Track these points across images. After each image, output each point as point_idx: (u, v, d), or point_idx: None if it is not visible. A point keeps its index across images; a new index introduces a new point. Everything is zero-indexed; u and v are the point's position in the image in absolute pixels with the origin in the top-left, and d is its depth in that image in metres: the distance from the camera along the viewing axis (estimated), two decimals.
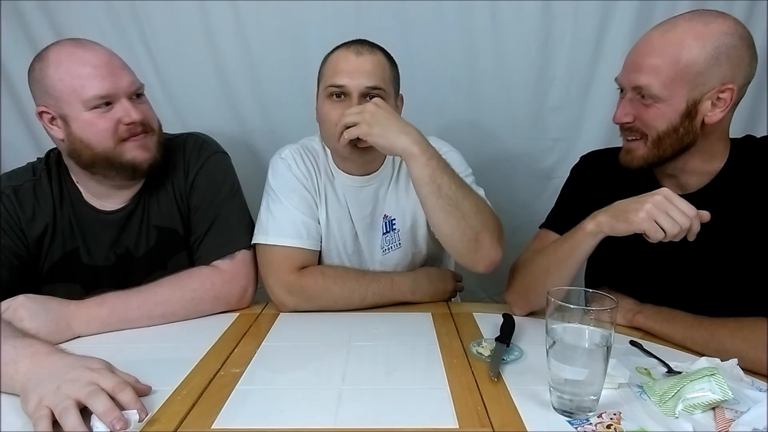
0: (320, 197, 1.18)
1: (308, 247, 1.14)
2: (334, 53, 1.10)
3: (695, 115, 0.93)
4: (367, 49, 1.07)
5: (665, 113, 0.93)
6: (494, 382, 0.81)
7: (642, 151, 0.98)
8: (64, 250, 1.13)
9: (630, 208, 0.86)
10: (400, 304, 1.15)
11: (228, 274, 1.11)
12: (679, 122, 0.93)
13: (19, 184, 1.11)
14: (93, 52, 1.03)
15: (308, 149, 1.21)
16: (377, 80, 1.06)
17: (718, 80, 0.90)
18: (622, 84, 0.98)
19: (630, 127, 0.98)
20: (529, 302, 1.07)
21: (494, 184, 1.34)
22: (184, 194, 1.17)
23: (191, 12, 1.57)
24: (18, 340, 0.78)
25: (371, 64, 1.06)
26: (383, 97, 1.06)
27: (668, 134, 0.94)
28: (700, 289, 0.97)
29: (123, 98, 1.04)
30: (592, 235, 0.91)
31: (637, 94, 0.95)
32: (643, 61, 0.93)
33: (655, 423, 0.70)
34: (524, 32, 1.59)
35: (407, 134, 0.98)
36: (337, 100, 1.07)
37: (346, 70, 1.05)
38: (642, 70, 0.93)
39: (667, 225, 0.83)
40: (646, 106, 0.94)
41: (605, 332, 0.72)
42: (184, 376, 0.83)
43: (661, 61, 0.91)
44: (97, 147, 1.04)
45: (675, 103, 0.92)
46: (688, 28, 0.90)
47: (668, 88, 0.91)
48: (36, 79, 1.03)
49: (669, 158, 0.97)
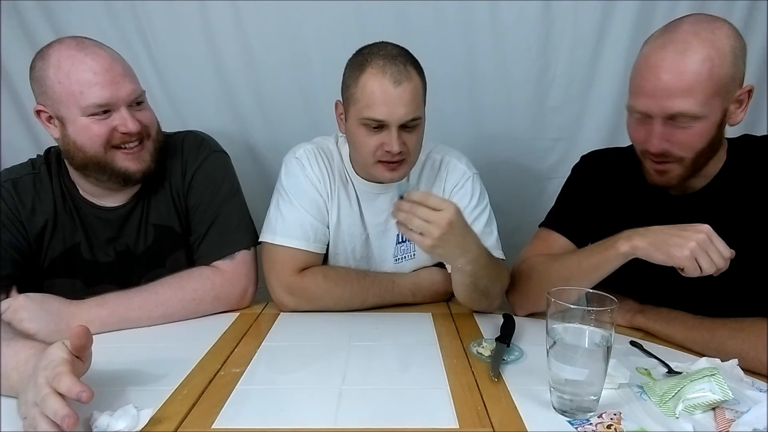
0: (332, 200, 1.17)
1: (314, 250, 1.14)
2: (368, 75, 1.01)
3: (725, 121, 0.93)
4: (404, 76, 1.00)
5: (706, 131, 0.91)
6: (494, 382, 0.81)
7: (679, 171, 0.96)
8: (65, 245, 1.12)
9: (673, 242, 0.84)
10: (400, 304, 1.15)
11: (228, 275, 1.11)
12: (715, 134, 0.92)
13: (17, 177, 1.10)
14: (95, 57, 1.01)
15: (323, 150, 1.19)
16: (415, 110, 1.02)
17: (739, 82, 0.90)
18: (651, 112, 0.92)
19: (666, 152, 0.94)
20: (537, 307, 1.07)
21: (494, 184, 1.33)
22: (181, 193, 1.17)
23: (191, 12, 1.57)
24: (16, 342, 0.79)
25: (410, 94, 1.00)
26: (419, 123, 1.05)
27: (705, 149, 0.93)
28: (700, 289, 0.97)
29: (122, 107, 1.03)
30: (624, 256, 0.90)
31: (670, 119, 0.91)
32: (673, 86, 0.89)
33: (656, 423, 0.70)
34: (524, 32, 1.59)
35: (465, 255, 0.97)
36: (374, 129, 1.03)
37: (385, 103, 0.99)
38: (675, 94, 0.89)
39: (706, 265, 0.83)
40: (682, 128, 0.91)
41: (605, 332, 0.72)
42: (184, 376, 0.83)
43: (695, 80, 0.88)
44: (89, 151, 1.04)
45: (713, 117, 0.91)
46: (703, 40, 0.88)
47: (707, 106, 0.89)
48: (36, 78, 1.03)
49: (701, 168, 0.96)
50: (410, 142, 1.05)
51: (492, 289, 1.07)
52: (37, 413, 0.64)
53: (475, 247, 0.97)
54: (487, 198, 1.20)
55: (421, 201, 0.89)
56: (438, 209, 0.89)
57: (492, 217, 1.19)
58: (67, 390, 0.64)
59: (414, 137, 1.05)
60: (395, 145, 1.01)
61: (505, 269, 1.11)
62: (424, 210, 0.89)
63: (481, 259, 1.00)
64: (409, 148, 1.05)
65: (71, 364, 0.67)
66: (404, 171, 1.09)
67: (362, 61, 1.03)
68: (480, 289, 1.05)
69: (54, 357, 0.68)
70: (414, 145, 1.06)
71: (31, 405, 0.65)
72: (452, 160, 1.19)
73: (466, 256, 0.97)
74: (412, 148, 1.06)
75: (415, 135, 1.05)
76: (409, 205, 0.90)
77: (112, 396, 0.76)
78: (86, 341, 0.70)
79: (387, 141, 1.02)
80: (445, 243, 0.90)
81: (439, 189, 1.18)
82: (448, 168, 1.19)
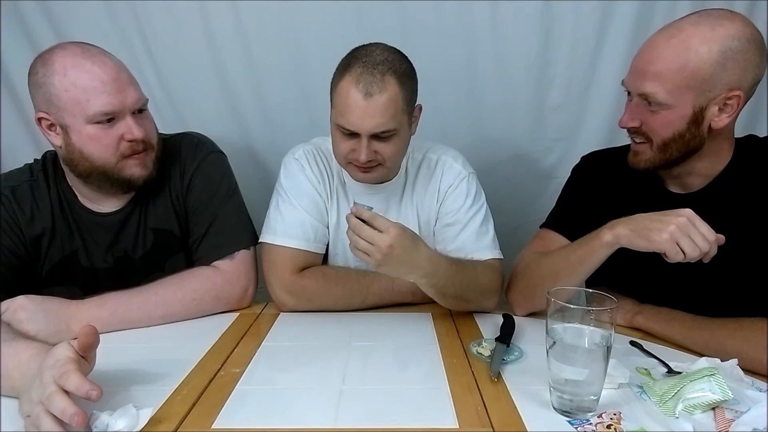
0: (331, 200, 1.18)
1: (314, 250, 1.14)
2: (345, 82, 1.01)
3: (702, 121, 0.92)
4: (378, 87, 0.98)
5: (671, 120, 0.92)
6: (494, 382, 0.81)
7: (649, 154, 0.97)
8: (63, 252, 1.12)
9: (653, 227, 0.85)
10: (400, 304, 1.15)
11: (228, 274, 1.11)
12: (685, 128, 0.92)
13: (16, 184, 1.10)
14: (101, 65, 1.01)
15: (322, 151, 1.20)
16: (387, 122, 1.01)
17: (725, 86, 0.89)
18: (629, 89, 0.97)
19: (636, 131, 0.97)
20: (533, 304, 1.07)
21: (494, 185, 1.34)
22: (180, 195, 1.17)
23: (191, 12, 1.57)
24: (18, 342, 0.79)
25: (382, 106, 0.99)
26: (394, 134, 1.03)
27: (674, 140, 0.93)
28: (700, 289, 0.97)
29: (127, 115, 1.03)
30: (608, 246, 0.91)
31: (643, 99, 0.93)
32: (648, 68, 0.91)
33: (655, 423, 0.70)
34: (524, 32, 1.59)
35: (415, 272, 0.98)
36: (347, 134, 1.04)
37: (355, 114, 1.00)
38: (647, 77, 0.91)
39: (688, 248, 0.83)
40: (652, 112, 0.93)
41: (605, 332, 0.72)
42: (184, 376, 0.83)
43: (666, 67, 0.89)
44: (97, 161, 1.03)
45: (681, 110, 0.91)
46: (694, 33, 0.88)
47: (674, 96, 0.90)
48: (38, 84, 1.01)
49: (675, 161, 0.97)
50: (385, 151, 1.05)
51: (467, 293, 1.07)
52: (42, 411, 0.64)
53: (426, 263, 0.97)
54: (484, 198, 1.20)
55: (368, 220, 0.91)
56: (381, 231, 0.90)
57: (488, 216, 1.19)
58: (76, 388, 0.64)
59: (389, 146, 1.05)
60: (363, 154, 1.03)
61: (491, 270, 1.11)
62: (367, 230, 0.90)
63: (439, 272, 1.00)
64: (384, 156, 1.05)
65: (78, 363, 0.68)
66: (379, 174, 1.10)
67: (346, 65, 1.03)
68: (450, 295, 1.06)
69: (60, 356, 0.68)
70: (390, 153, 1.06)
71: (35, 403, 0.65)
72: (448, 160, 1.20)
73: (416, 273, 0.98)
74: (387, 156, 1.06)
75: (390, 144, 1.05)
76: (355, 222, 0.91)
77: (112, 396, 0.76)
78: (94, 340, 0.71)
79: (357, 149, 1.03)
80: (389, 263, 0.92)
81: (434, 189, 1.18)
82: (444, 168, 1.19)
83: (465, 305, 1.10)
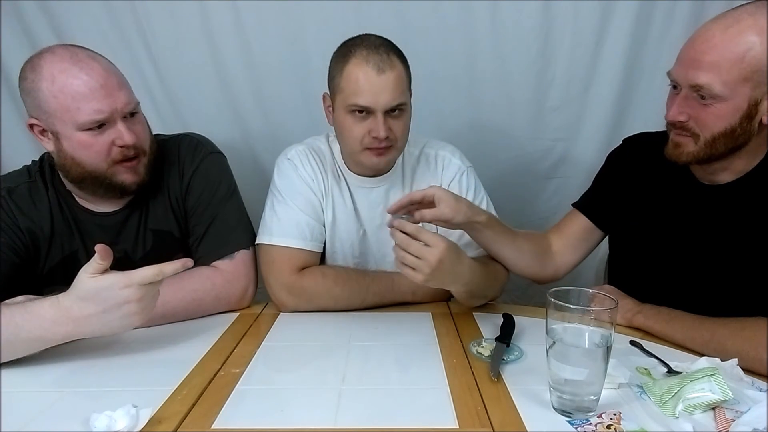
0: (326, 199, 1.18)
1: (311, 248, 1.14)
2: (352, 65, 1.04)
3: (755, 115, 0.88)
4: (387, 64, 1.03)
5: (725, 113, 0.88)
6: (494, 382, 0.81)
7: (692, 148, 0.93)
8: (63, 252, 1.12)
9: None
10: (400, 304, 1.15)
11: (228, 275, 1.11)
12: (737, 123, 0.88)
13: (14, 186, 1.10)
14: (89, 71, 0.99)
15: (315, 150, 1.21)
16: (400, 96, 1.05)
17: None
18: (678, 80, 0.91)
19: (682, 126, 0.93)
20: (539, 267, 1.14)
21: (494, 184, 1.34)
22: (179, 197, 1.17)
23: (191, 12, 1.57)
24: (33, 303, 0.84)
25: (393, 81, 1.03)
26: (404, 110, 1.07)
27: (724, 135, 0.89)
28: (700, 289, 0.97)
29: (118, 120, 1.02)
30: None
31: (695, 92, 0.89)
32: (702, 58, 0.86)
33: (655, 423, 0.70)
34: (524, 32, 1.59)
35: (458, 282, 1.00)
36: (360, 116, 1.05)
37: (369, 90, 1.02)
38: (702, 67, 0.86)
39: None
40: (704, 105, 0.89)
41: (605, 332, 0.72)
42: (184, 376, 0.83)
43: (723, 57, 0.85)
44: (88, 167, 1.03)
45: (736, 102, 0.87)
46: (752, 23, 0.85)
47: (730, 87, 0.86)
48: (28, 90, 1.00)
49: (718, 157, 0.93)
50: (396, 129, 1.07)
51: (489, 291, 1.12)
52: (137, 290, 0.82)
53: (468, 272, 0.99)
54: (483, 189, 1.22)
55: (413, 234, 0.90)
56: (429, 245, 0.90)
57: (490, 207, 1.21)
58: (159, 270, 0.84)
59: (400, 123, 1.08)
60: (381, 130, 1.04)
61: (500, 267, 1.14)
62: (416, 245, 0.90)
63: (475, 278, 1.02)
64: (396, 134, 1.07)
65: None
66: (392, 157, 1.12)
67: (346, 52, 1.06)
68: (477, 295, 1.10)
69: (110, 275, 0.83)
70: (400, 131, 1.08)
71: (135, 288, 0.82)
72: (446, 155, 1.22)
73: (459, 283, 1.00)
74: (398, 135, 1.08)
75: (401, 121, 1.08)
76: (402, 237, 0.91)
77: (112, 396, 0.76)
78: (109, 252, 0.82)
79: (374, 127, 1.04)
80: (436, 277, 0.92)
81: (435, 183, 1.18)
82: (444, 163, 1.21)
83: (484, 300, 1.14)
